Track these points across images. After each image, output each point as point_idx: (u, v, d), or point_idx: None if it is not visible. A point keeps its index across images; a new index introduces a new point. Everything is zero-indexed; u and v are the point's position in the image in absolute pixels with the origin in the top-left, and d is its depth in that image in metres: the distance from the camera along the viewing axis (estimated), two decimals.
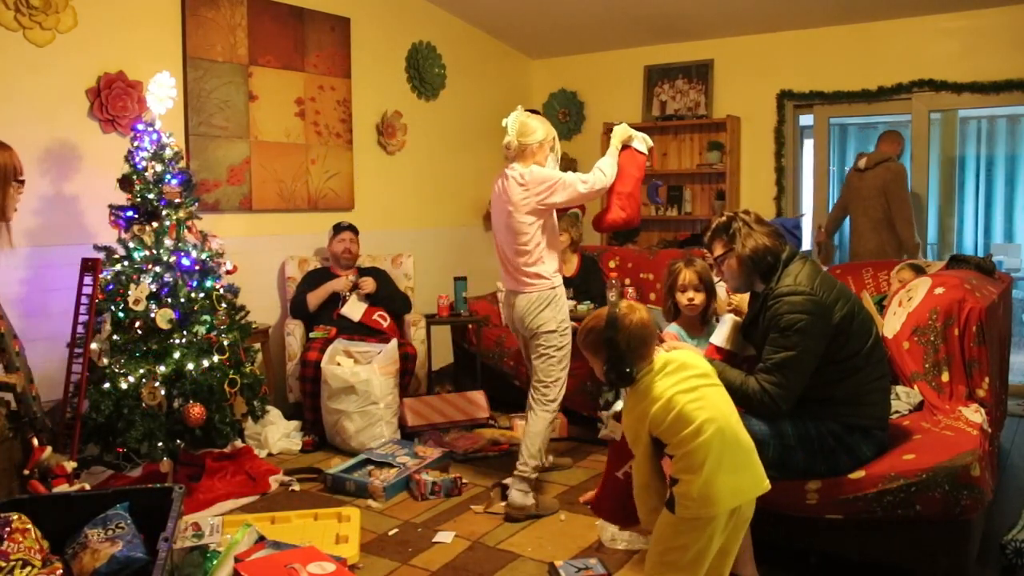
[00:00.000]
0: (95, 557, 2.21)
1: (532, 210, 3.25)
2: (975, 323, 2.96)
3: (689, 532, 2.07)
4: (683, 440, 2.05)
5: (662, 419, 2.08)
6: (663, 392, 2.10)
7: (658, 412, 2.09)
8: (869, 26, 5.40)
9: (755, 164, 5.87)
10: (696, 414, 2.07)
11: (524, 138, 3.30)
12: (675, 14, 5.58)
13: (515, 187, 3.26)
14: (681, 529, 2.07)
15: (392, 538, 3.09)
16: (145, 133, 3.66)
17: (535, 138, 3.31)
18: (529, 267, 3.31)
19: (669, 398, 2.09)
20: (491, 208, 3.51)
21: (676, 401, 2.08)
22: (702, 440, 2.04)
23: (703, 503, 2.03)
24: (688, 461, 2.04)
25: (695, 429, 2.05)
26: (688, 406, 2.08)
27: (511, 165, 3.33)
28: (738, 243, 2.64)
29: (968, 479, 2.40)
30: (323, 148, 4.99)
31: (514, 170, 3.30)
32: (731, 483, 2.06)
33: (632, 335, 2.12)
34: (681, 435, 2.06)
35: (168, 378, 3.56)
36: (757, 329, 2.69)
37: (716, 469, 2.03)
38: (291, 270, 4.78)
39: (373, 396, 4.02)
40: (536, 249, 3.30)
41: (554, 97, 6.63)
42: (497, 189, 3.39)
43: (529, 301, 3.34)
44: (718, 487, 2.03)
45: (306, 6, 4.85)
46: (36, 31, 3.66)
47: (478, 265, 6.04)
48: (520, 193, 3.25)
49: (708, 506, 2.04)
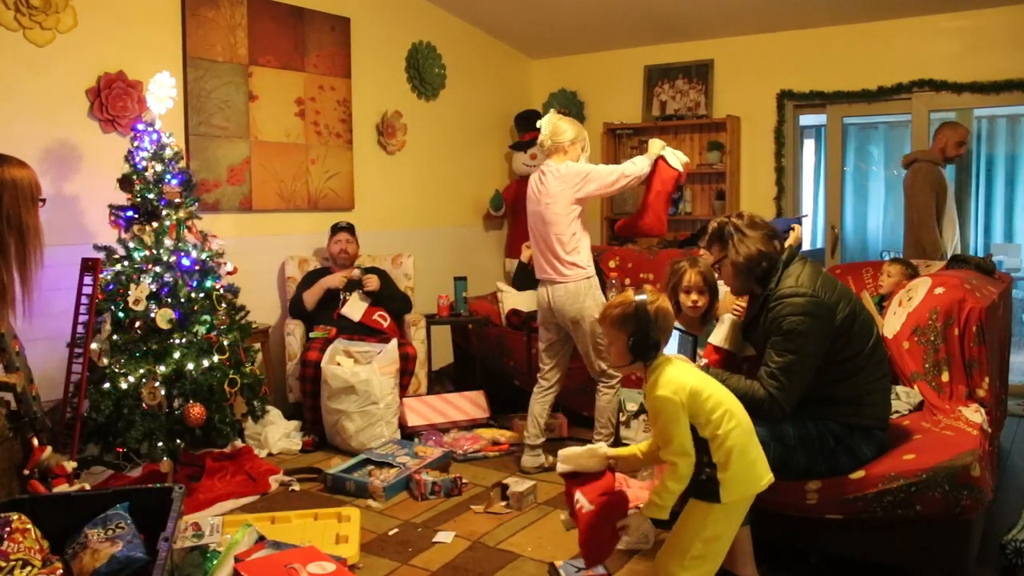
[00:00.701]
0: (95, 557, 2.21)
1: (570, 200, 3.56)
2: (975, 323, 2.96)
3: (725, 519, 2.17)
4: (719, 420, 2.14)
5: (701, 394, 2.16)
6: (686, 373, 2.21)
7: (697, 387, 2.16)
8: (869, 26, 5.40)
9: (755, 164, 5.87)
10: (723, 396, 2.21)
11: (556, 137, 3.64)
12: (675, 14, 5.58)
13: (553, 180, 3.60)
14: (719, 516, 2.15)
15: (392, 538, 3.09)
16: (145, 133, 3.66)
17: (566, 137, 3.64)
18: (567, 256, 3.60)
19: (696, 380, 2.20)
20: (527, 204, 3.76)
21: (705, 382, 2.20)
22: (738, 420, 2.17)
23: (748, 482, 2.15)
24: (732, 441, 2.13)
25: (728, 410, 2.17)
26: (715, 389, 2.22)
27: (546, 162, 3.67)
28: (731, 250, 2.64)
29: (968, 479, 2.40)
30: (323, 148, 4.99)
31: (550, 166, 3.63)
32: (763, 458, 2.22)
33: (660, 309, 2.23)
34: (717, 414, 2.15)
35: (168, 378, 3.56)
36: (757, 330, 2.68)
37: (751, 445, 2.18)
38: (291, 270, 4.78)
39: (373, 396, 4.02)
40: (572, 239, 3.59)
41: (554, 97, 6.63)
42: (533, 184, 3.71)
43: (567, 291, 3.60)
44: (760, 462, 2.19)
45: (306, 6, 4.85)
46: (36, 31, 3.66)
47: (478, 265, 6.05)
48: (558, 185, 3.58)
49: (754, 483, 2.16)
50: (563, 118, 3.70)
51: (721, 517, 2.16)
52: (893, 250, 7.56)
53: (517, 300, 5.15)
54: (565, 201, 3.55)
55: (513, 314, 5.11)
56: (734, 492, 2.13)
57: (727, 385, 2.51)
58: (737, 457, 2.12)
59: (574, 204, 3.57)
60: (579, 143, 3.66)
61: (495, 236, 6.46)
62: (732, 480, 2.12)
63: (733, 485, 2.13)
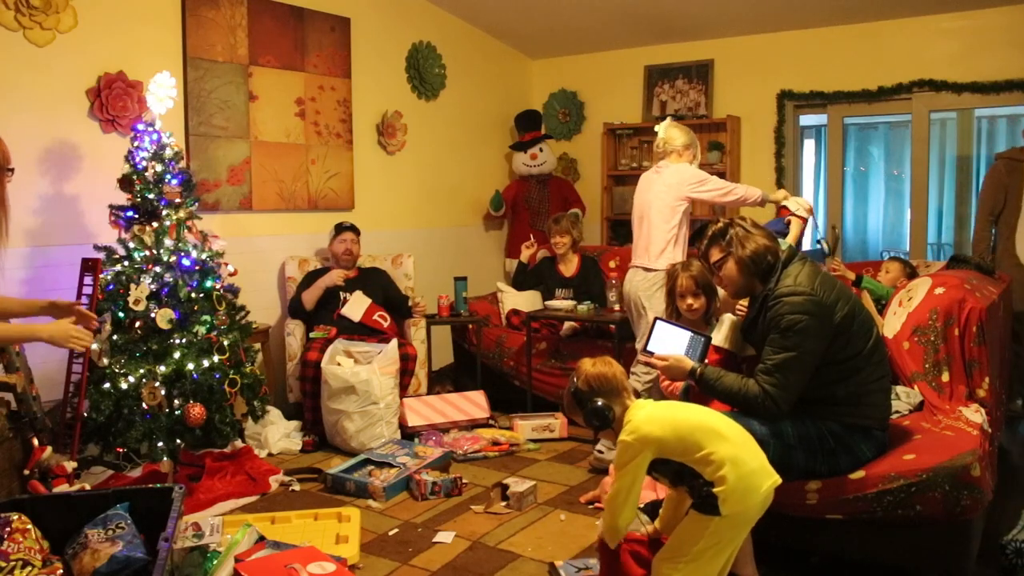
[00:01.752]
0: (95, 557, 2.21)
1: (679, 196, 3.91)
2: (975, 323, 2.96)
3: (730, 528, 2.15)
4: (699, 445, 2.14)
5: (673, 434, 2.17)
6: (653, 414, 2.23)
7: (665, 434, 2.17)
8: (869, 26, 5.39)
9: (755, 164, 5.87)
10: (701, 418, 2.22)
11: (669, 143, 4.03)
12: (675, 14, 5.58)
13: (670, 176, 3.95)
14: (720, 527, 2.14)
15: (392, 538, 3.09)
16: (145, 133, 3.66)
17: (677, 143, 4.02)
18: (661, 246, 3.90)
19: (664, 416, 2.22)
20: (636, 195, 4.13)
21: (674, 424, 2.20)
22: (724, 435, 2.16)
23: (748, 491, 2.13)
24: (722, 457, 2.12)
25: (711, 429, 2.17)
26: (688, 417, 2.23)
27: (660, 162, 4.06)
28: (736, 247, 2.65)
29: (968, 479, 2.40)
30: (323, 148, 4.99)
31: (667, 166, 4.00)
32: (763, 465, 2.20)
33: (590, 376, 2.30)
34: (696, 440, 2.15)
35: (168, 378, 3.56)
36: (756, 330, 2.69)
37: (746, 455, 2.16)
38: (291, 270, 4.78)
39: (373, 396, 4.02)
40: (670, 231, 3.91)
41: (554, 97, 6.63)
42: (647, 178, 4.10)
43: (644, 278, 3.93)
44: (760, 471, 2.17)
45: (306, 6, 4.85)
46: (36, 31, 3.66)
47: (478, 265, 6.05)
48: (673, 177, 3.93)
49: (754, 492, 2.14)
50: (676, 125, 4.09)
51: (725, 527, 2.15)
52: (893, 250, 7.58)
53: (517, 300, 5.16)
54: (674, 196, 3.89)
55: (513, 314, 5.11)
56: (735, 504, 2.11)
57: (721, 384, 2.58)
58: (731, 471, 2.10)
59: (682, 200, 3.90)
60: (692, 149, 4.02)
61: (495, 236, 6.46)
62: (731, 493, 2.10)
63: (733, 497, 2.10)
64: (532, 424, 4.30)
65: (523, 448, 4.14)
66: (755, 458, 2.20)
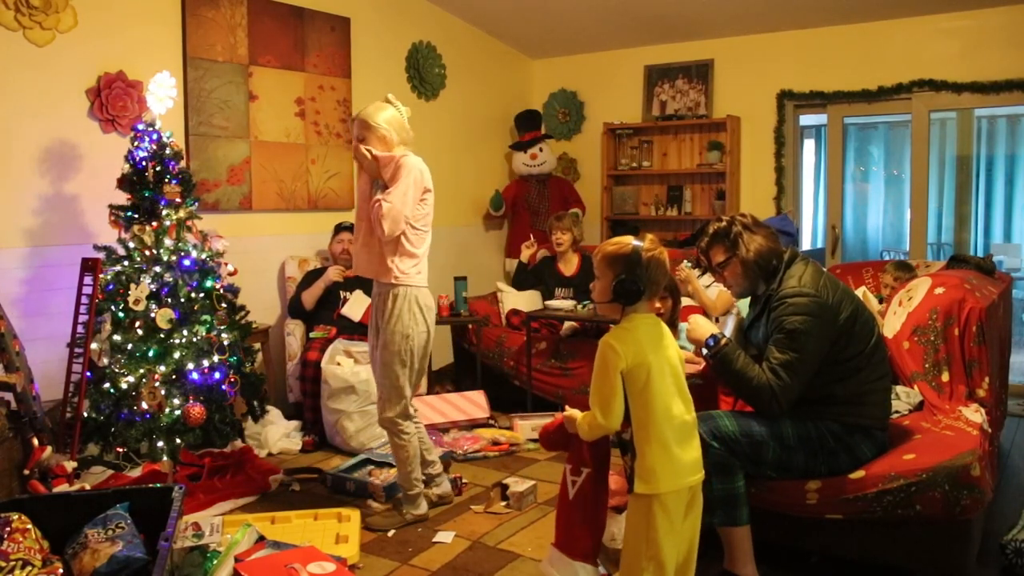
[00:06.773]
0: (95, 557, 2.21)
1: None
2: (975, 323, 2.96)
3: (658, 514, 2.05)
4: (642, 390, 2.06)
5: (641, 368, 2.06)
6: (648, 342, 2.10)
7: (645, 360, 2.07)
8: (869, 26, 5.40)
9: (755, 164, 5.87)
10: (671, 385, 2.10)
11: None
12: (675, 14, 5.58)
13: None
14: (634, 508, 2.07)
15: (392, 538, 3.09)
16: (145, 133, 3.66)
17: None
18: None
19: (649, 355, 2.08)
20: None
21: (657, 359, 2.08)
22: (672, 413, 2.07)
23: (664, 477, 2.04)
24: (654, 429, 2.04)
25: (664, 401, 2.07)
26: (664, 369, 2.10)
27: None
28: (741, 248, 2.62)
29: (968, 479, 2.40)
30: (323, 148, 4.99)
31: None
32: (686, 456, 2.09)
33: (654, 259, 2.15)
34: (648, 392, 2.06)
35: (168, 378, 3.56)
36: (759, 330, 2.68)
37: (669, 440, 2.05)
38: (291, 270, 4.78)
39: (373, 396, 4.02)
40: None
41: (554, 97, 6.63)
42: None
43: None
44: (686, 465, 2.07)
45: (306, 6, 4.85)
46: (36, 31, 3.66)
47: (478, 265, 6.05)
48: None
49: (670, 479, 2.05)
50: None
51: (635, 510, 2.08)
52: (893, 250, 7.58)
53: (517, 300, 5.16)
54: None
55: (513, 314, 5.11)
56: (646, 485, 2.04)
57: (736, 365, 2.51)
58: (656, 447, 2.04)
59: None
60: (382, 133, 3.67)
61: (495, 236, 6.46)
62: (643, 469, 2.04)
63: (645, 474, 2.04)
64: (532, 424, 4.29)
65: (523, 448, 4.14)
66: (688, 452, 2.11)
